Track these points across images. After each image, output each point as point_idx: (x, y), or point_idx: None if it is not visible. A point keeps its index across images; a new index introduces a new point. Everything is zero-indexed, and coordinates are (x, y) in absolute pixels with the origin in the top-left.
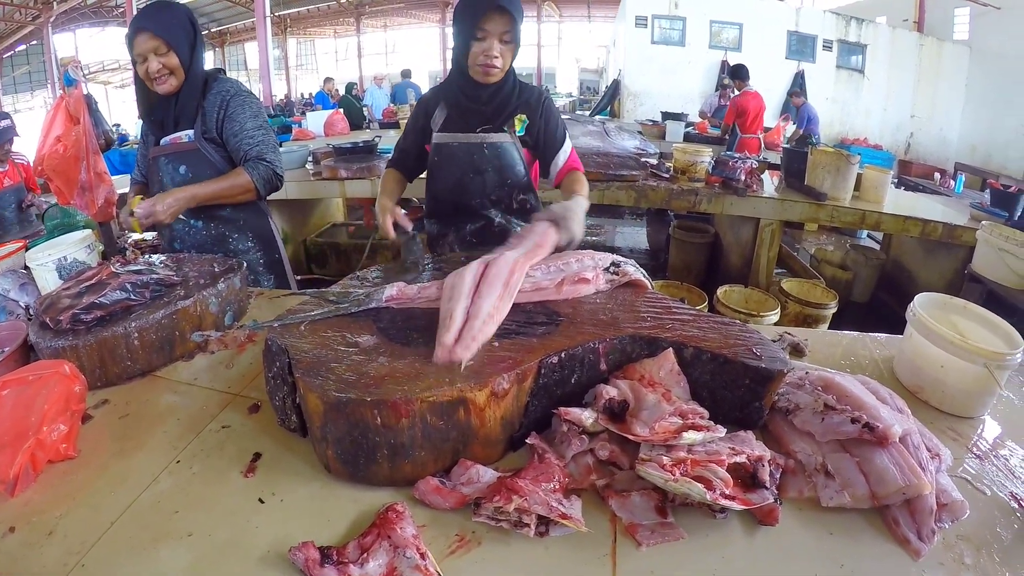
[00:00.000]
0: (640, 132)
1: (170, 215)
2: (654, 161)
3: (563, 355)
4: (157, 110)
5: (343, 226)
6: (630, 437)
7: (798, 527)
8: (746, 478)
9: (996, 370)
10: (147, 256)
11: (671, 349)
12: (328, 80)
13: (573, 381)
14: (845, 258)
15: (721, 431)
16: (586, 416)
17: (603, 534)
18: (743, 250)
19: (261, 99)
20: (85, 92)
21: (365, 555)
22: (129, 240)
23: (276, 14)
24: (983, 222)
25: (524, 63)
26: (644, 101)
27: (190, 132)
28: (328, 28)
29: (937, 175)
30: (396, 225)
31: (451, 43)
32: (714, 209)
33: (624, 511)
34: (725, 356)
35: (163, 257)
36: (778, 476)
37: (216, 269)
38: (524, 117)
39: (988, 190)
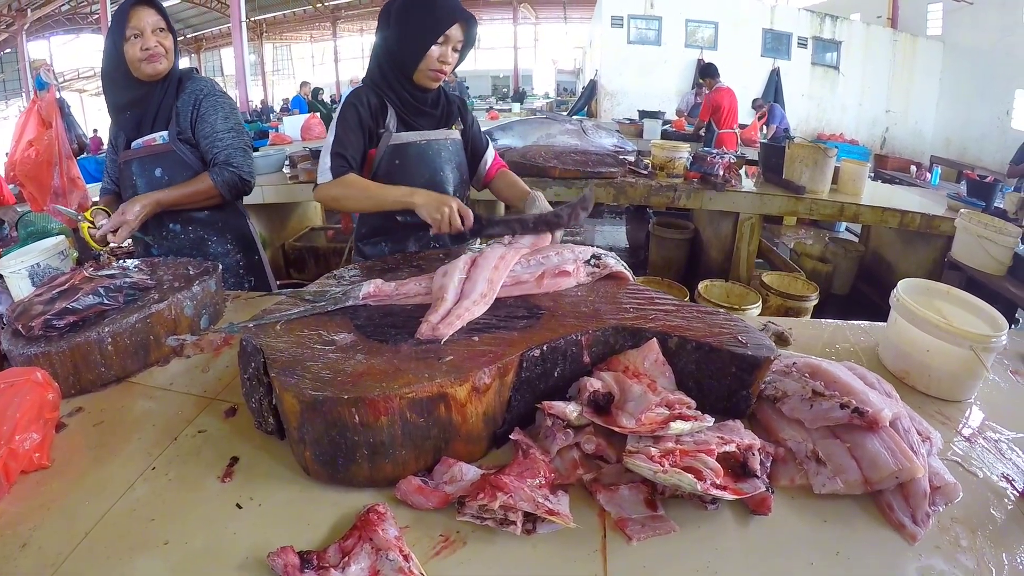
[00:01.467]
0: (618, 131)
1: (138, 223)
2: (632, 159)
3: (545, 348)
4: (135, 107)
5: (321, 230)
6: (616, 429)
7: (791, 516)
8: (736, 467)
9: (982, 352)
10: (122, 261)
11: (655, 339)
12: (304, 84)
13: (556, 375)
14: (824, 251)
15: (709, 420)
16: (570, 409)
17: (592, 530)
18: (723, 245)
19: (237, 104)
20: (58, 96)
21: (346, 559)
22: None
23: (252, 19)
24: (961, 210)
25: (501, 65)
26: (621, 101)
27: (164, 133)
28: (305, 33)
29: (913, 168)
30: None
31: None
32: (693, 204)
33: (613, 505)
34: (710, 344)
35: (137, 262)
36: (768, 465)
37: (191, 272)
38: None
39: (964, 181)
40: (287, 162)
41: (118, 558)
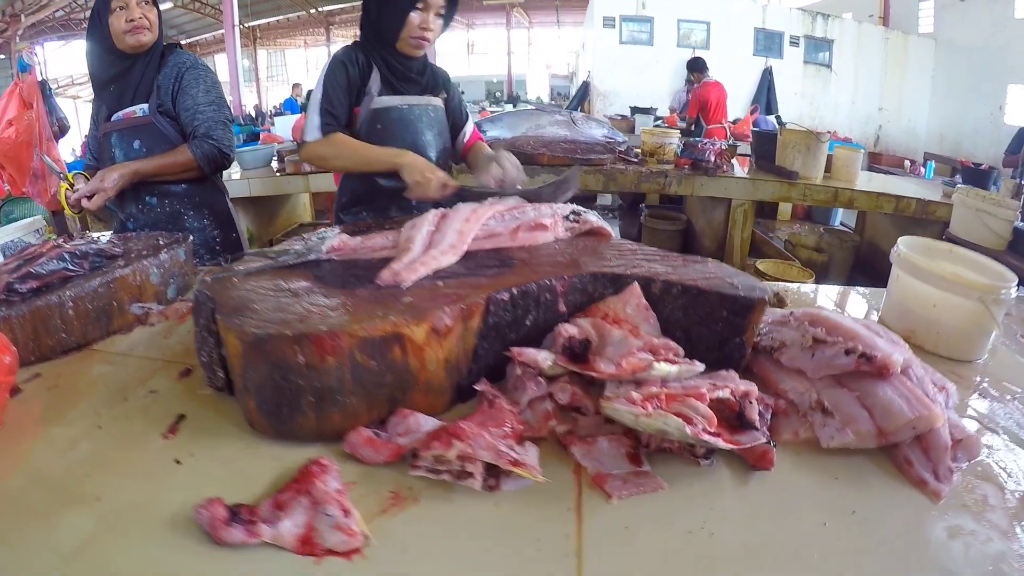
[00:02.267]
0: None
1: (115, 191)
2: (623, 148)
3: (515, 292)
4: (118, 80)
5: (310, 226)
6: (593, 375)
7: (797, 472)
8: (731, 419)
9: (992, 305)
10: (95, 236)
11: (636, 283)
12: (296, 86)
13: (528, 323)
14: (820, 241)
15: (699, 367)
16: (543, 357)
17: (565, 487)
18: (716, 233)
19: (231, 105)
20: (40, 78)
21: (280, 513)
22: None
23: (245, 25)
24: (959, 185)
25: (495, 70)
26: (614, 101)
27: (144, 106)
28: (298, 38)
29: (907, 163)
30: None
31: None
32: (684, 191)
33: (589, 459)
34: (698, 287)
35: (110, 235)
36: (768, 417)
37: (161, 242)
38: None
39: (960, 168)
40: (275, 157)
41: (47, 514)
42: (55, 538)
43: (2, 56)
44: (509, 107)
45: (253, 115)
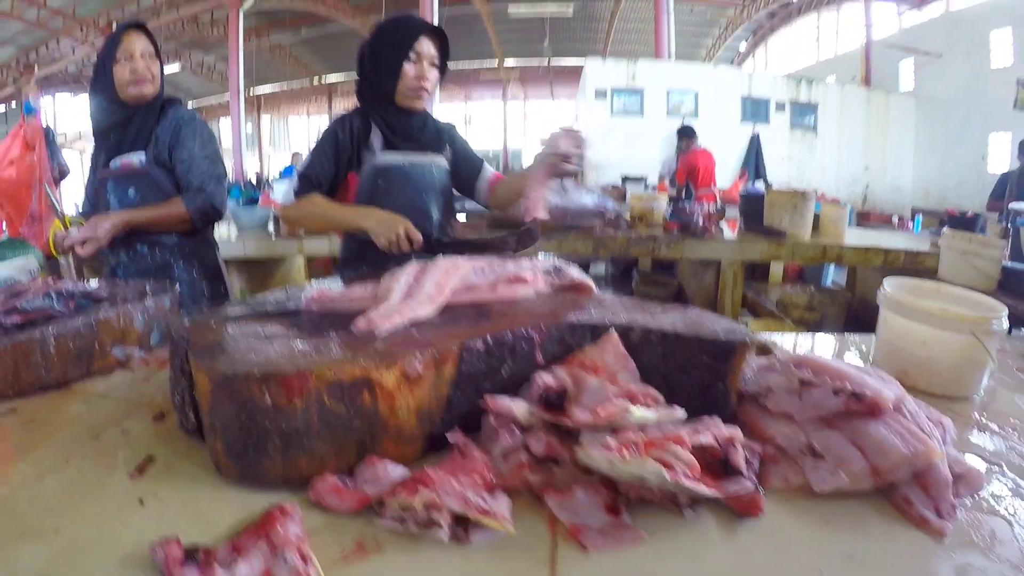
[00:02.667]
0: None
1: (106, 239)
2: (613, 215)
3: (489, 340)
4: (118, 128)
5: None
6: (568, 423)
7: (788, 520)
8: (716, 465)
9: (984, 337)
10: (85, 281)
11: (614, 331)
12: (296, 154)
13: (504, 373)
14: (811, 300)
15: (680, 412)
16: (518, 407)
17: (539, 539)
18: (707, 295)
19: (230, 169)
20: (44, 125)
21: (237, 556)
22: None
23: (250, 92)
24: (944, 230)
25: (490, 144)
26: (606, 172)
27: (142, 156)
28: (301, 107)
29: (895, 219)
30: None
31: None
32: (674, 254)
33: (565, 511)
34: (677, 332)
35: (100, 281)
36: (756, 464)
37: (147, 289)
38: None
39: (947, 219)
40: (271, 219)
41: (3, 545)
42: (6, 570)
43: (14, 105)
44: None
45: (254, 181)
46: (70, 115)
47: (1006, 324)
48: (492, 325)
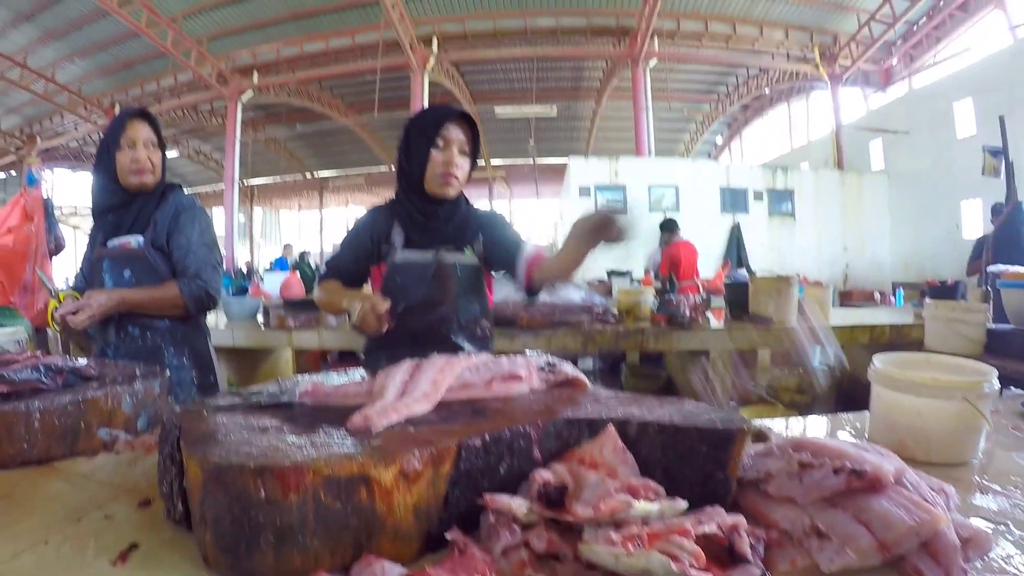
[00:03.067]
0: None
1: (100, 312)
2: (601, 310)
3: (487, 437)
4: (116, 210)
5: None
6: (569, 519)
7: None
8: (721, 554)
9: (977, 400)
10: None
11: (611, 426)
12: (287, 247)
13: (502, 471)
14: (801, 382)
15: (682, 504)
16: (517, 504)
17: None
18: (697, 385)
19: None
20: (45, 196)
21: None
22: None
23: (244, 182)
24: (927, 300)
25: None
26: (591, 267)
27: (140, 238)
28: (293, 200)
29: (877, 295)
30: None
31: None
32: (662, 346)
33: None
34: (675, 424)
35: (90, 359)
36: (762, 550)
37: (137, 372)
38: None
39: (927, 289)
40: (261, 310)
41: None
42: None
43: (14, 173)
44: None
45: (244, 271)
46: (67, 190)
47: (997, 385)
48: (489, 423)
